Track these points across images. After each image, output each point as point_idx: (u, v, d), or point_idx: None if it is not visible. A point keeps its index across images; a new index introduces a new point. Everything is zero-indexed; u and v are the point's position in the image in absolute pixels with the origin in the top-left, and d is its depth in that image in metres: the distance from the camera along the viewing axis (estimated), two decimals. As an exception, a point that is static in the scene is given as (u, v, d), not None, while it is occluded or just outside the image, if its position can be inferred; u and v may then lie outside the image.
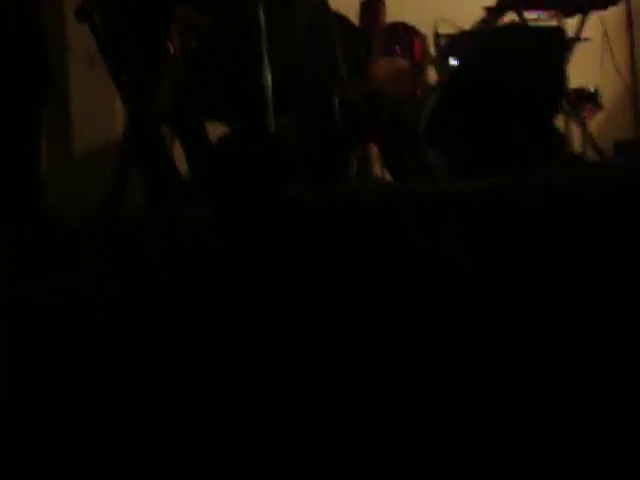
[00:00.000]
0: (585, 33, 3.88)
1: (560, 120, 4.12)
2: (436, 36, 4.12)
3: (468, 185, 2.45)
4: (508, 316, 1.72)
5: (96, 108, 4.22)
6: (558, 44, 3.74)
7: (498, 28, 3.95)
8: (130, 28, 3.36)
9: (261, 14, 3.32)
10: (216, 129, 3.74)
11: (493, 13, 3.91)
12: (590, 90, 4.14)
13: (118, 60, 3.44)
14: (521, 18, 3.86)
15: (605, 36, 4.12)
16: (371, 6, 4.65)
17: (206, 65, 3.79)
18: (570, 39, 3.82)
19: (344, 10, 4.34)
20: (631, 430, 1.51)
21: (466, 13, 4.07)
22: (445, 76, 4.02)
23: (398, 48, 4.43)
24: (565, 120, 4.20)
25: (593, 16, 3.93)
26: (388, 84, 4.34)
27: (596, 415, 1.53)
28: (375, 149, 4.60)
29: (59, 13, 4.19)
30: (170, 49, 3.58)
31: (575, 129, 4.14)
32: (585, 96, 4.09)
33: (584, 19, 3.84)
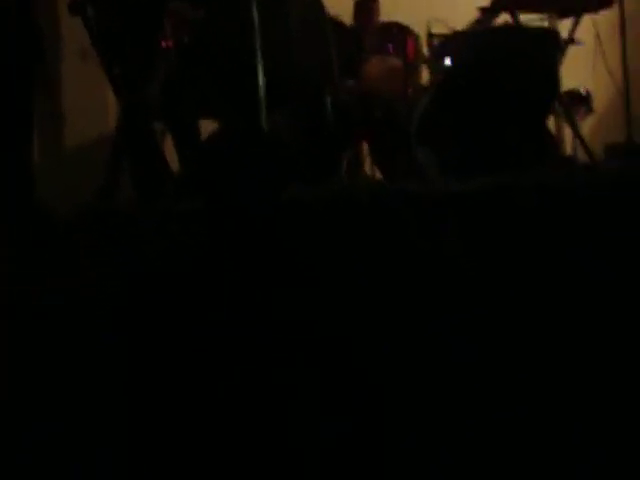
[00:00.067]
0: (578, 36, 3.90)
1: (552, 122, 4.14)
2: (429, 36, 4.13)
3: (462, 185, 2.46)
4: (508, 316, 1.73)
5: (89, 102, 4.20)
6: (551, 46, 3.76)
7: (492, 29, 3.97)
8: (123, 22, 3.36)
9: (255, 10, 3.31)
10: (208, 126, 3.74)
11: (487, 14, 3.92)
12: (582, 93, 4.16)
13: (111, 54, 3.43)
14: (515, 19, 3.87)
15: (598, 39, 4.14)
16: (365, 5, 4.66)
17: (199, 60, 3.78)
18: (563, 41, 3.84)
19: (338, 9, 4.35)
20: (631, 430, 1.52)
21: (460, 13, 4.08)
22: (438, 76, 4.03)
23: (391, 47, 4.44)
24: (557, 122, 4.22)
25: (586, 19, 3.95)
26: (380, 83, 4.35)
27: (596, 415, 1.54)
28: (365, 147, 4.60)
29: (52, 6, 4.17)
30: (163, 43, 3.58)
31: (567, 131, 4.16)
32: (577, 99, 4.12)
33: (577, 21, 3.87)
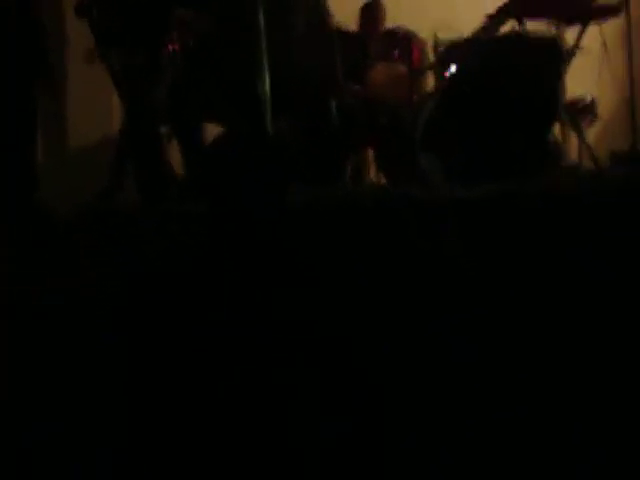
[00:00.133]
0: (584, 43, 3.89)
1: (558, 129, 4.13)
2: (435, 42, 4.13)
3: (467, 191, 2.46)
4: (508, 316, 1.72)
5: (93, 103, 4.22)
6: (557, 53, 3.75)
7: (498, 36, 3.96)
8: (129, 25, 3.36)
9: (260, 15, 3.31)
10: (213, 130, 3.74)
11: (493, 21, 3.91)
12: (588, 100, 4.16)
13: (116, 56, 3.44)
14: (521, 26, 3.87)
15: (604, 47, 4.13)
16: (370, 11, 4.66)
17: (204, 65, 3.78)
18: (569, 49, 3.83)
19: (344, 15, 4.35)
20: (631, 430, 1.51)
21: (466, 20, 4.08)
22: (443, 82, 4.03)
23: (396, 53, 4.45)
24: (563, 129, 4.21)
25: (592, 27, 3.94)
26: (385, 89, 4.35)
27: (596, 415, 1.53)
28: (370, 154, 4.60)
29: (58, 8, 4.19)
30: (169, 47, 3.58)
31: (573, 139, 4.15)
32: (583, 106, 4.11)
33: (584, 29, 3.86)
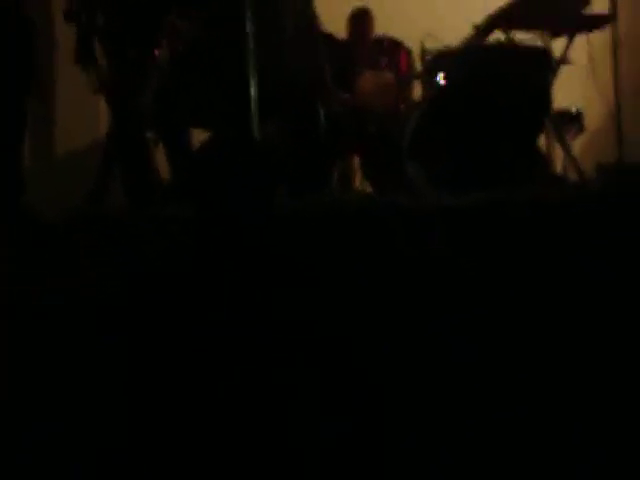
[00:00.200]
0: (571, 55, 3.93)
1: (543, 141, 4.17)
2: (423, 51, 4.15)
3: (454, 199, 2.47)
4: (508, 316, 1.73)
5: (81, 107, 4.20)
6: (544, 64, 3.79)
7: (485, 46, 3.99)
8: (118, 30, 3.36)
9: (248, 21, 3.32)
10: (199, 135, 3.73)
11: (481, 31, 3.94)
12: (574, 112, 4.19)
13: (105, 60, 3.43)
14: (508, 37, 3.90)
15: (590, 58, 4.17)
16: (359, 19, 4.68)
17: (192, 70, 3.78)
18: (556, 60, 3.87)
19: (333, 22, 4.37)
20: (631, 430, 1.52)
21: (454, 29, 4.10)
22: (431, 91, 4.05)
23: (384, 62, 4.47)
24: (548, 141, 4.25)
25: (579, 39, 3.98)
26: (373, 98, 4.37)
27: (596, 415, 1.54)
28: (356, 161, 4.61)
29: (47, 12, 4.17)
30: (156, 52, 3.57)
31: (558, 150, 4.18)
32: (569, 118, 4.14)
33: (571, 41, 3.90)
